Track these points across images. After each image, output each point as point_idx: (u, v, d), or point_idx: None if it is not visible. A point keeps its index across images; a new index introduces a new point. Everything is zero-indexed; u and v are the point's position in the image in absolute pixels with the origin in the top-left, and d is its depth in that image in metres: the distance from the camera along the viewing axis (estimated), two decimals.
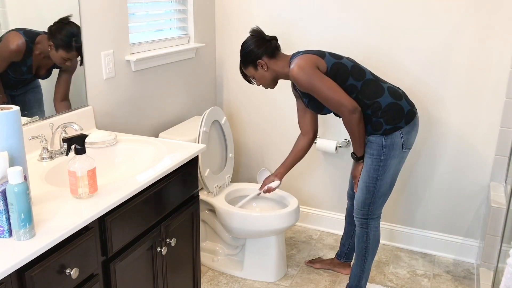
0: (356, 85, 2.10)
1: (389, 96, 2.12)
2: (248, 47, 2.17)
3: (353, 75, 2.11)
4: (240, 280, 2.55)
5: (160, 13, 2.57)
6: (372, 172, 2.16)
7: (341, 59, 2.14)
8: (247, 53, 2.17)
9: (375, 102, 2.10)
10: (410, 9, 2.53)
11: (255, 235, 2.47)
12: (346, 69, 2.11)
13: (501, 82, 2.47)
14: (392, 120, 2.10)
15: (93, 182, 1.43)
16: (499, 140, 2.53)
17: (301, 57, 2.10)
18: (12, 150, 1.29)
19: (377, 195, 2.20)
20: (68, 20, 1.89)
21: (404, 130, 2.12)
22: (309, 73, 2.05)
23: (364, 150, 2.18)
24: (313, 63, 2.07)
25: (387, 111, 2.10)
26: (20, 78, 1.76)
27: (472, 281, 2.60)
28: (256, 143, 3.11)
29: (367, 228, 2.26)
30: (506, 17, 2.38)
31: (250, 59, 2.17)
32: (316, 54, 2.11)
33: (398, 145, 2.12)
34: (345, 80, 2.09)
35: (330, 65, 2.09)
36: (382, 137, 2.12)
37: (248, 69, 2.22)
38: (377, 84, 2.14)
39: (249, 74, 2.23)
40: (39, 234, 1.22)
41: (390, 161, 2.14)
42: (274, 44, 2.18)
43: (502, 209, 2.32)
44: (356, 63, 2.17)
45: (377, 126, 2.11)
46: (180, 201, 1.86)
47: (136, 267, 1.64)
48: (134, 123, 2.38)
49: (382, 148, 2.12)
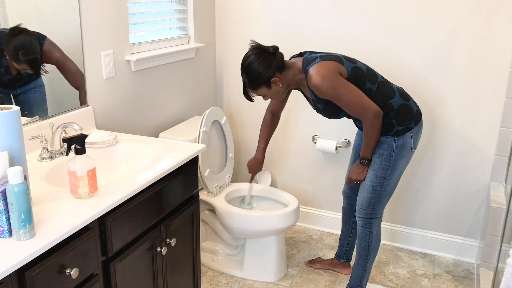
0: (372, 88, 2.08)
1: (399, 97, 2.11)
2: (255, 70, 2.02)
3: (369, 78, 2.08)
4: (240, 280, 2.55)
5: (160, 13, 2.57)
6: (380, 172, 2.15)
7: (356, 63, 2.10)
8: (257, 76, 2.03)
9: (388, 104, 2.09)
10: (410, 9, 2.53)
11: (255, 235, 2.47)
12: (363, 73, 2.08)
13: (501, 82, 2.47)
14: (404, 121, 2.10)
15: (93, 182, 1.43)
16: (499, 140, 2.53)
17: (320, 64, 1.99)
18: (12, 150, 1.29)
19: (383, 194, 2.19)
20: (17, 30, 1.72)
21: (413, 130, 2.13)
22: (333, 81, 1.97)
23: None
24: (335, 70, 1.99)
25: (399, 112, 2.09)
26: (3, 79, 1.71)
27: (472, 281, 2.60)
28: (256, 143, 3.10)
29: (370, 227, 2.26)
30: (506, 17, 2.38)
31: (262, 81, 2.05)
32: (335, 60, 2.03)
33: (408, 145, 2.13)
34: (364, 84, 2.06)
35: (350, 70, 2.04)
36: (393, 137, 2.11)
37: (259, 90, 2.09)
38: (388, 86, 2.13)
39: (260, 94, 2.12)
40: (39, 234, 1.22)
41: (399, 161, 2.14)
42: (280, 56, 2.07)
43: (502, 209, 2.32)
44: (367, 66, 2.15)
45: (389, 127, 2.10)
46: (180, 201, 1.86)
47: (136, 267, 1.64)
48: (134, 123, 2.38)
49: (393, 149, 2.11)
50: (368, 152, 2.14)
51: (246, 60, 2.06)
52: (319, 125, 2.89)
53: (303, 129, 2.95)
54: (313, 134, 2.94)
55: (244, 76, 2.08)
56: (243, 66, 2.07)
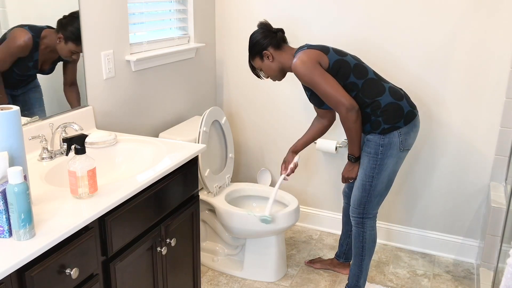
0: (357, 83, 2.11)
1: (389, 95, 2.12)
2: (254, 38, 2.22)
3: (355, 73, 2.12)
4: (240, 280, 2.55)
5: (160, 13, 2.57)
6: (368, 171, 2.16)
7: (345, 56, 2.15)
8: (253, 44, 2.22)
9: (374, 101, 2.10)
10: (411, 9, 2.53)
11: (255, 235, 2.47)
12: (349, 66, 2.12)
13: (501, 82, 2.47)
14: (391, 119, 2.10)
15: (93, 182, 1.43)
16: (499, 140, 2.53)
17: (304, 51, 2.12)
18: (12, 150, 1.29)
19: (373, 194, 2.20)
20: (78, 14, 1.95)
21: (402, 130, 2.12)
22: (310, 68, 2.07)
23: (361, 150, 2.18)
24: (315, 58, 2.09)
25: (386, 110, 2.10)
26: (24, 75, 1.78)
27: (472, 281, 2.60)
28: (256, 143, 3.11)
29: (363, 227, 2.27)
30: (506, 17, 2.38)
31: (257, 50, 2.21)
32: (320, 49, 2.13)
33: (395, 145, 2.13)
34: (347, 77, 2.11)
35: (332, 62, 2.11)
36: (380, 136, 2.12)
37: (255, 61, 2.25)
38: (379, 83, 2.14)
39: (256, 65, 2.27)
40: (39, 234, 1.22)
41: (386, 160, 2.14)
42: (280, 36, 2.21)
43: (502, 209, 2.32)
44: (360, 61, 2.18)
45: (375, 125, 2.11)
46: (180, 201, 1.86)
47: (136, 267, 1.64)
48: (134, 123, 2.38)
49: (379, 147, 2.12)
50: (352, 147, 2.17)
51: (253, 32, 2.26)
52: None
53: (303, 129, 2.95)
54: None
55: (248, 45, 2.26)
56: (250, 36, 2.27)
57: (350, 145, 2.17)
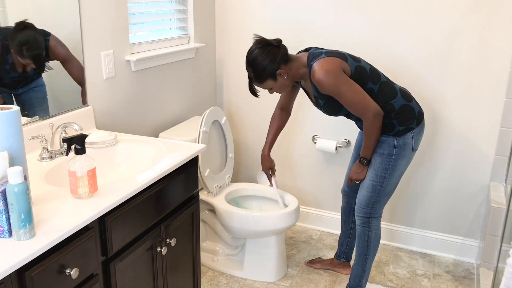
0: (373, 88, 2.08)
1: (401, 98, 2.11)
2: (261, 63, 2.03)
3: (371, 78, 2.09)
4: (240, 280, 2.55)
5: (160, 13, 2.57)
6: (380, 171, 2.15)
7: (360, 61, 2.11)
8: (262, 69, 2.04)
9: (389, 104, 2.09)
10: (411, 8, 2.53)
11: (255, 235, 2.47)
12: (366, 72, 2.08)
13: (501, 82, 2.47)
14: (405, 121, 2.10)
15: (93, 182, 1.43)
16: (499, 140, 2.53)
17: (325, 60, 2.01)
18: (12, 150, 1.29)
19: (382, 194, 2.20)
20: (23, 25, 1.73)
21: (415, 131, 2.13)
22: (336, 77, 1.98)
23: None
24: (339, 66, 2.00)
25: (400, 113, 2.09)
26: (8, 77, 1.72)
27: (472, 281, 2.60)
28: (256, 143, 3.10)
29: (369, 227, 2.26)
30: (507, 17, 2.38)
31: (268, 73, 2.04)
32: (339, 57, 2.04)
33: (409, 145, 2.13)
34: (366, 83, 2.06)
35: (353, 69, 2.05)
36: (394, 137, 2.11)
37: (265, 83, 2.10)
38: (391, 86, 2.13)
39: (266, 87, 2.12)
40: (39, 234, 1.22)
41: (399, 161, 2.14)
42: (284, 48, 2.08)
43: (502, 209, 2.32)
44: (371, 66, 2.15)
45: (390, 127, 2.11)
46: (180, 201, 1.86)
47: (136, 267, 1.64)
48: (134, 123, 2.38)
49: (393, 148, 2.12)
50: (367, 152, 2.14)
51: (251, 54, 2.06)
52: (319, 125, 2.89)
53: (303, 129, 2.95)
54: (313, 134, 2.94)
55: (250, 70, 2.08)
56: (248, 60, 2.07)
57: (366, 149, 2.13)
